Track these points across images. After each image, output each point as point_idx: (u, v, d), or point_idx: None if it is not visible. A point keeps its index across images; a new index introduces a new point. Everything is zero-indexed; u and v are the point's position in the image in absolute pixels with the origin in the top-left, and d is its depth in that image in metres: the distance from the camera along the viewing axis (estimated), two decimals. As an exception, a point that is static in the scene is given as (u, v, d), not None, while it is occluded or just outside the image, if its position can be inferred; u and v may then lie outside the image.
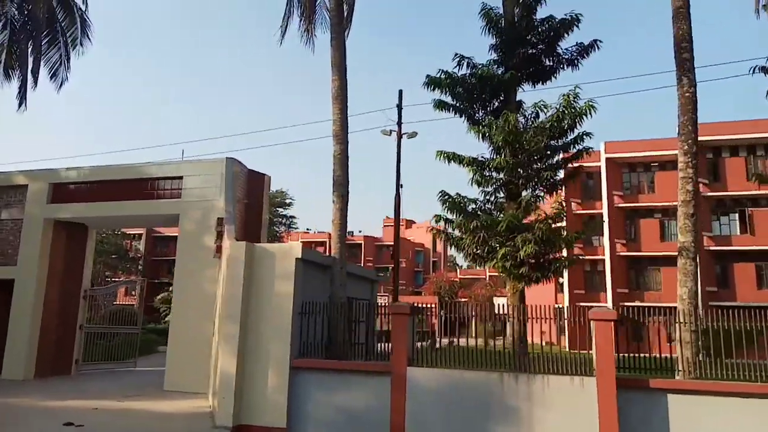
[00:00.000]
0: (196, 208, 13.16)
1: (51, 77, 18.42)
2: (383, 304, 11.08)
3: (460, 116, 10.91)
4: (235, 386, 8.82)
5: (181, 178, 13.53)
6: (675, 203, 9.23)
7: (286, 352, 8.93)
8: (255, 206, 14.09)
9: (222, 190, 12.90)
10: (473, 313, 8.96)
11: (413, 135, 16.93)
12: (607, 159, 35.98)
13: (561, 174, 11.00)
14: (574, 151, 10.47)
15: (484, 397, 7.94)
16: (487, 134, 10.14)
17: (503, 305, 9.01)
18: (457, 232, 10.56)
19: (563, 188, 14.15)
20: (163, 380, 14.22)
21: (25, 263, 14.19)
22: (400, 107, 16.26)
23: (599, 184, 36.85)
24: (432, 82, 10.70)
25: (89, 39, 18.89)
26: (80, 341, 15.30)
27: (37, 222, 14.38)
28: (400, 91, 16.49)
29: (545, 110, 10.26)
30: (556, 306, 13.51)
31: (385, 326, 10.46)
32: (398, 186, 15.80)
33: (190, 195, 13.30)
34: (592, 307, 8.37)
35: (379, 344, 12.10)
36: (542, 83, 11.38)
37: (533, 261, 9.81)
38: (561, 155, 10.69)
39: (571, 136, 10.31)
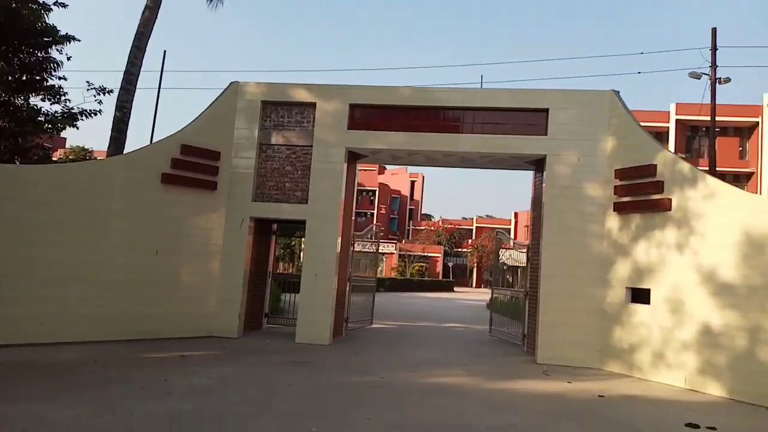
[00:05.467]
0: (569, 149, 10.84)
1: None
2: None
3: None
4: None
5: (546, 110, 11.05)
6: None
7: None
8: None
9: (609, 127, 10.66)
10: None
11: (727, 81, 14.91)
12: None
13: None
14: None
15: None
16: None
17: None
18: None
19: None
20: (498, 344, 12.29)
21: (322, 202, 11.38)
22: (714, 48, 14.14)
23: None
24: None
25: None
26: (349, 294, 12.90)
27: (335, 152, 11.47)
28: (714, 30, 14.29)
29: None
30: None
31: None
32: (713, 132, 13.99)
33: (561, 132, 10.92)
34: None
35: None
36: None
37: None
38: None
39: None
